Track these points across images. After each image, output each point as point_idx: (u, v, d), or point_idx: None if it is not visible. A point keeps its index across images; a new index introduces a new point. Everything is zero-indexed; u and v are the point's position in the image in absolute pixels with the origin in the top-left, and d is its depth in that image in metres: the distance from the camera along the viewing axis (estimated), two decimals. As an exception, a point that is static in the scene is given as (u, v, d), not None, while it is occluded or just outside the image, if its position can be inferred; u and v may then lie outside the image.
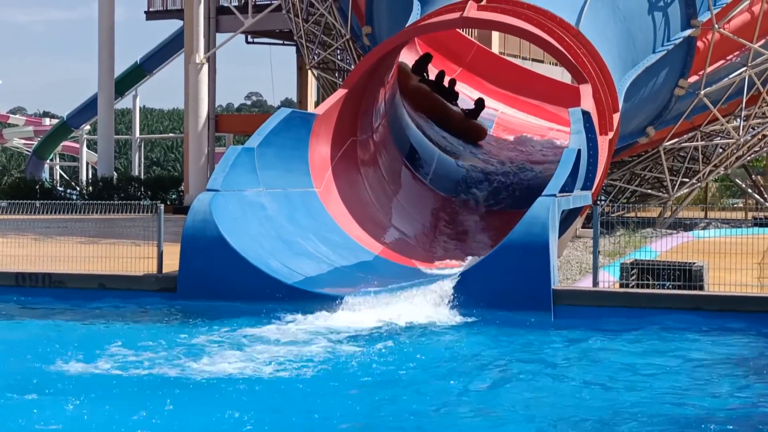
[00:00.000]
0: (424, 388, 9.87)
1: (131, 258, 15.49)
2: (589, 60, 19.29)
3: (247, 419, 8.59)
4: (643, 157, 24.84)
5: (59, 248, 16.71)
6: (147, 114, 77.81)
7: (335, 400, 9.41)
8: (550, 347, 12.08)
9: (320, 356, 11.03)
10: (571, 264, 17.07)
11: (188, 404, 9.08)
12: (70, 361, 10.54)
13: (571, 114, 16.98)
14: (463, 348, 11.71)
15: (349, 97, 18.42)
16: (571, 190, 15.40)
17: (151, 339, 11.85)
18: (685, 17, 21.81)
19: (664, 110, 23.08)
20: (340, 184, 18.26)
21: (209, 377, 10.01)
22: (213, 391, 9.52)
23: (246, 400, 9.23)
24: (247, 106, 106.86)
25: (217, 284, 14.35)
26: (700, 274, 13.58)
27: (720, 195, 38.50)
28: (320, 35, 26.91)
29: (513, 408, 9.25)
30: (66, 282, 15.12)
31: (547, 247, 13.52)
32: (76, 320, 13.51)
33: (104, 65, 37.59)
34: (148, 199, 37.24)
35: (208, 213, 14.54)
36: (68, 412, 8.67)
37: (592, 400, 9.48)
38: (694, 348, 11.98)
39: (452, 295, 13.66)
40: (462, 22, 19.83)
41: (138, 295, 14.70)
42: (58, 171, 61.37)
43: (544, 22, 19.39)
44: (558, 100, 28.10)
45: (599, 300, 13.48)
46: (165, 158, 74.39)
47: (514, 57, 34.12)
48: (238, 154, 15.83)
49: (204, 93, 34.78)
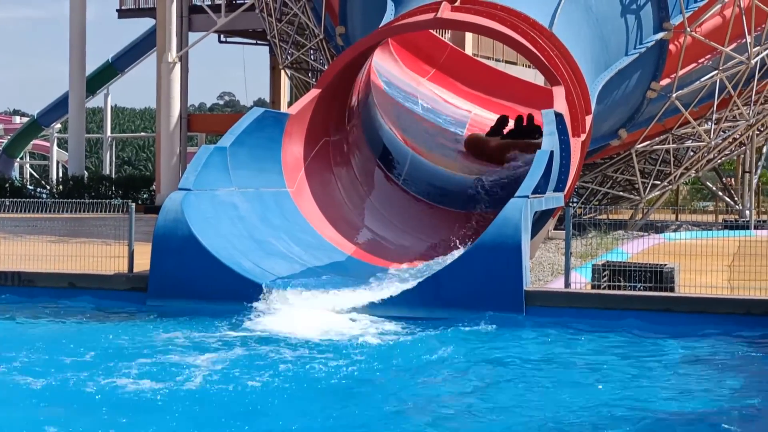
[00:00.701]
0: (389, 390, 9.83)
1: (102, 257, 15.40)
2: (562, 62, 19.33)
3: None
4: (615, 159, 24.95)
5: (29, 247, 16.58)
6: (118, 113, 77.46)
7: (301, 405, 9.34)
8: (522, 348, 12.08)
9: (289, 358, 10.96)
10: (543, 265, 17.11)
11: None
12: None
13: (544, 116, 17.01)
14: (433, 349, 11.66)
15: (322, 97, 18.38)
16: (544, 191, 15.43)
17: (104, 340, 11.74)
18: (657, 20, 21.92)
19: (636, 113, 23.18)
20: (313, 184, 18.22)
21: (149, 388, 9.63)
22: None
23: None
24: (220, 105, 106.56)
25: (188, 284, 14.27)
26: (672, 276, 13.63)
27: (691, 198, 38.75)
28: (293, 35, 26.85)
29: (484, 410, 9.24)
30: (35, 281, 15.02)
31: (519, 248, 13.54)
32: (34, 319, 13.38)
33: (76, 63, 37.38)
34: (119, 198, 37.06)
35: (180, 212, 14.46)
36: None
37: (564, 401, 9.49)
38: (665, 349, 12.03)
39: (424, 296, 13.67)
40: (436, 22, 19.82)
41: (108, 294, 14.59)
42: (28, 169, 60.93)
43: (518, 23, 19.42)
44: (531, 102, 28.17)
45: (571, 301, 13.51)
46: (136, 157, 74.07)
47: (487, 59, 34.19)
48: (210, 154, 15.76)
49: (176, 92, 34.67)
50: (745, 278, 14.18)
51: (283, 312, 13.12)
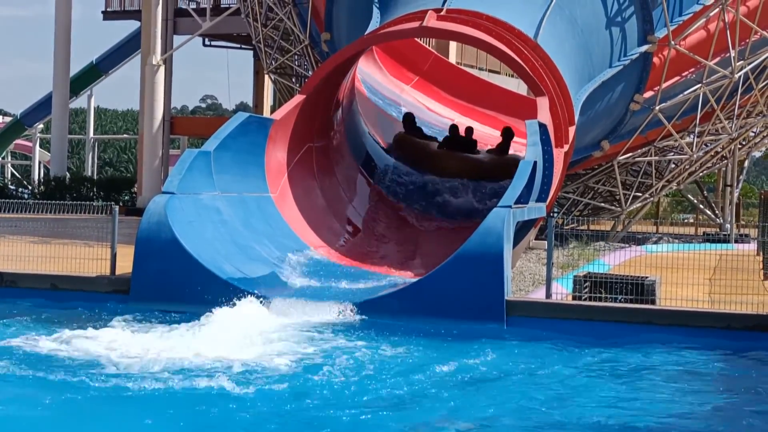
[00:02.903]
0: (368, 399, 9.83)
1: (84, 259, 15.36)
2: (546, 73, 19.42)
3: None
4: (597, 170, 25.06)
5: (11, 247, 16.51)
6: (101, 114, 77.29)
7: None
8: (502, 358, 12.10)
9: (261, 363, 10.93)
10: (524, 275, 17.16)
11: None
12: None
13: (528, 126, 17.09)
14: (413, 358, 11.67)
15: (306, 103, 18.41)
16: (527, 201, 15.48)
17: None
18: (642, 33, 22.05)
19: (619, 124, 23.30)
20: (296, 189, 18.24)
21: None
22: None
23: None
24: (202, 108, 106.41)
25: (170, 287, 14.25)
26: (653, 288, 13.70)
27: (671, 210, 38.97)
28: (279, 40, 26.89)
29: (467, 421, 9.27)
30: (17, 282, 14.97)
31: (501, 257, 13.58)
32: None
33: (60, 64, 37.30)
34: (101, 199, 37.00)
35: (163, 215, 14.45)
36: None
37: (546, 412, 9.53)
38: (645, 362, 12.08)
39: (404, 304, 13.70)
40: (421, 31, 19.88)
41: (90, 296, 14.55)
42: (10, 169, 60.69)
43: (503, 33, 19.49)
44: (514, 112, 28.30)
45: (552, 312, 13.54)
46: (118, 159, 73.89)
47: (470, 67, 34.31)
48: (194, 157, 15.76)
49: (160, 95, 34.63)
50: (725, 292, 14.25)
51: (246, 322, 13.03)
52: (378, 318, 13.46)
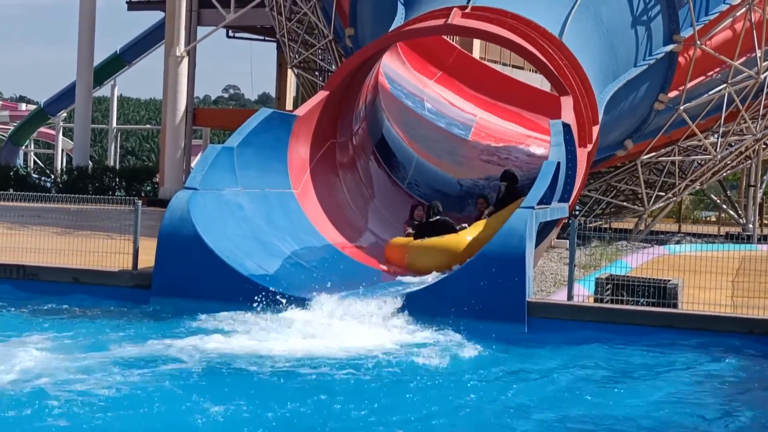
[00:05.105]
0: (383, 397, 9.87)
1: (106, 252, 15.41)
2: (570, 72, 19.34)
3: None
4: (620, 169, 24.95)
5: (34, 239, 16.59)
6: (123, 103, 77.50)
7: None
8: (522, 360, 12.08)
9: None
10: (545, 275, 17.12)
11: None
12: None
13: (552, 126, 17.03)
14: (436, 358, 11.66)
15: (330, 99, 18.40)
16: (549, 202, 15.44)
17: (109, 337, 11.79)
18: (667, 32, 21.93)
19: (643, 124, 23.19)
20: (318, 186, 18.24)
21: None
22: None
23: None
24: (225, 99, 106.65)
25: (191, 283, 14.29)
26: (675, 291, 13.64)
27: (693, 207, 38.76)
28: (302, 34, 26.86)
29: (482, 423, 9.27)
30: (40, 275, 15.03)
31: (523, 259, 13.55)
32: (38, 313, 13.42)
33: (84, 53, 37.39)
34: (123, 190, 37.11)
35: (186, 211, 14.48)
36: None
37: (564, 415, 9.52)
38: (666, 365, 12.04)
39: (427, 303, 13.68)
40: (446, 29, 19.83)
41: (112, 291, 14.61)
42: (33, 157, 60.96)
43: (528, 32, 19.42)
44: (537, 108, 28.16)
45: (573, 314, 13.50)
46: (140, 148, 74.15)
47: (494, 63, 34.17)
48: (217, 154, 15.78)
49: (183, 86, 34.65)
50: (747, 295, 14.18)
51: (281, 319, 13.08)
52: (398, 318, 13.42)
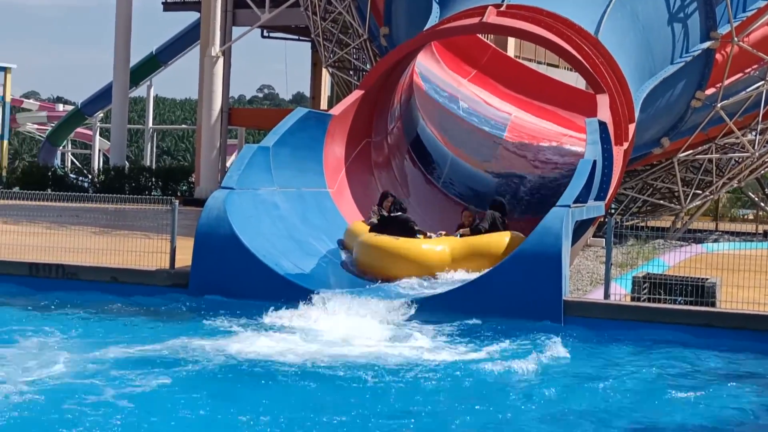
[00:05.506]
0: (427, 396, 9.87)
1: (143, 252, 15.51)
2: (606, 69, 19.26)
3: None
4: (656, 167, 24.81)
5: (72, 238, 16.73)
6: (159, 103, 77.96)
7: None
8: (560, 359, 12.02)
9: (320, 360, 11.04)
10: (581, 274, 17.05)
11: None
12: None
13: (588, 124, 16.97)
14: (475, 356, 11.64)
15: (365, 98, 18.45)
16: (585, 200, 15.38)
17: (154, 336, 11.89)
18: (704, 29, 21.78)
19: (680, 122, 23.05)
20: (353, 184, 18.28)
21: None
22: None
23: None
24: (259, 98, 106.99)
25: (228, 282, 14.35)
26: (713, 290, 13.54)
27: (730, 205, 38.45)
28: (337, 34, 26.91)
29: (523, 422, 9.26)
30: (79, 274, 15.14)
31: (559, 258, 13.51)
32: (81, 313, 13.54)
33: (120, 54, 37.67)
34: (159, 189, 37.34)
35: (223, 211, 14.56)
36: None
37: (608, 415, 9.48)
38: (705, 365, 11.97)
39: (463, 301, 13.67)
40: (481, 27, 19.80)
41: (150, 290, 14.71)
42: (70, 158, 61.45)
43: (564, 30, 19.36)
44: (572, 106, 28.05)
45: (610, 313, 13.44)
46: (176, 148, 74.52)
47: (529, 61, 34.08)
48: (253, 153, 15.85)
49: (218, 86, 34.82)
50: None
51: (321, 318, 13.10)
52: (434, 317, 13.41)
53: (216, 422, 8.79)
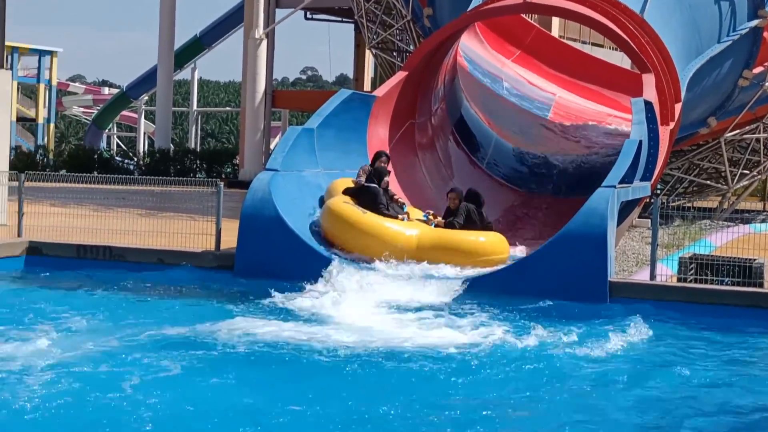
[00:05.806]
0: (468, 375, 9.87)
1: (189, 234, 15.62)
2: (652, 49, 19.09)
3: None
4: (702, 147, 24.59)
5: (119, 220, 16.87)
6: (203, 85, 78.35)
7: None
8: (605, 342, 11.94)
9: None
10: (627, 255, 16.95)
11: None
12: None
13: (633, 104, 16.83)
14: (517, 337, 11.61)
15: (408, 79, 18.41)
16: (631, 181, 15.28)
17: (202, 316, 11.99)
18: (752, 7, 21.52)
19: (727, 101, 22.82)
20: (397, 166, 18.26)
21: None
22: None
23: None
24: (303, 80, 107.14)
25: (273, 263, 14.42)
26: (761, 271, 13.42)
27: (778, 186, 37.99)
28: (380, 15, 26.87)
29: (563, 410, 9.23)
30: (126, 256, 15.30)
31: (605, 238, 13.45)
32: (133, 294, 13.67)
33: (164, 37, 37.88)
34: (203, 172, 37.56)
35: (267, 192, 14.62)
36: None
37: (658, 399, 9.43)
38: (754, 345, 11.87)
39: (508, 281, 13.65)
40: (525, 7, 19.70)
41: (196, 272, 14.82)
42: (116, 140, 61.96)
43: (608, 9, 19.20)
44: (617, 86, 27.85)
45: (656, 294, 13.36)
46: (220, 130, 74.92)
47: (573, 41, 33.82)
48: (298, 135, 15.89)
49: (262, 68, 34.91)
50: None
51: (358, 297, 13.11)
52: (477, 297, 13.38)
53: (267, 407, 8.79)
